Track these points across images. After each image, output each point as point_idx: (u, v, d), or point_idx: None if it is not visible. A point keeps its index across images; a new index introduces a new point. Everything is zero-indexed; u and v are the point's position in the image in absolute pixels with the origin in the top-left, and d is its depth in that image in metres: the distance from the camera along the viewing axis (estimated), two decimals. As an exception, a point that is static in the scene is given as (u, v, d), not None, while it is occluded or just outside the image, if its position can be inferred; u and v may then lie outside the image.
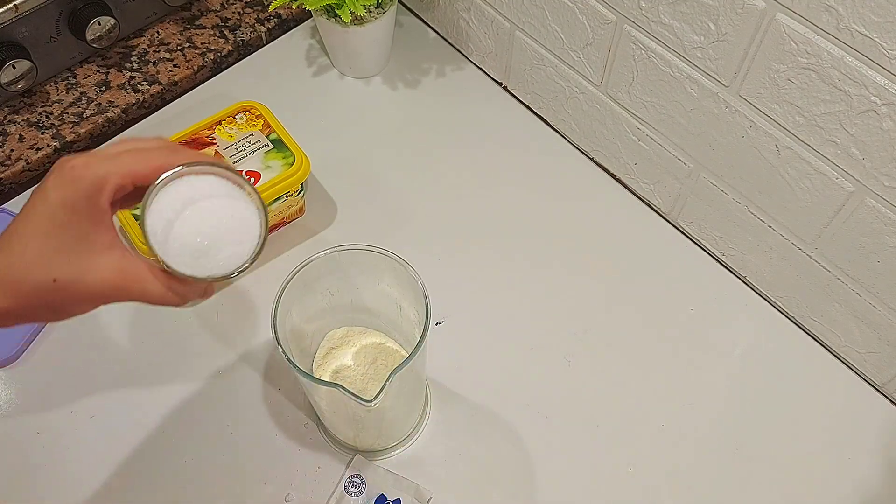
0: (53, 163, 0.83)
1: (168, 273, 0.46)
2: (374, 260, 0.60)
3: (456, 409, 0.70)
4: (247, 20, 0.94)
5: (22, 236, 0.44)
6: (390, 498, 0.64)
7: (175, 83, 0.88)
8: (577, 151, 0.86)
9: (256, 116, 0.77)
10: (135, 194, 0.46)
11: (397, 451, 0.68)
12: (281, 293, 0.58)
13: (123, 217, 0.70)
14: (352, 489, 0.64)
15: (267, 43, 0.94)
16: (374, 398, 0.54)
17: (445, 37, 0.94)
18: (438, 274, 0.74)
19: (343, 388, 0.54)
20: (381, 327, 0.69)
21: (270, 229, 0.78)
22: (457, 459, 0.67)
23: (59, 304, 0.46)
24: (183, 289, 0.47)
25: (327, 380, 0.66)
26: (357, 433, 0.66)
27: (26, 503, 0.65)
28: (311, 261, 0.60)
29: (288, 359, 0.56)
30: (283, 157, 0.74)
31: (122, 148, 0.46)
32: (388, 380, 0.54)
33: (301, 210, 0.79)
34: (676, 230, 0.81)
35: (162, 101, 0.88)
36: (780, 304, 0.76)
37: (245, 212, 0.47)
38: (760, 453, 0.68)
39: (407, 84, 0.91)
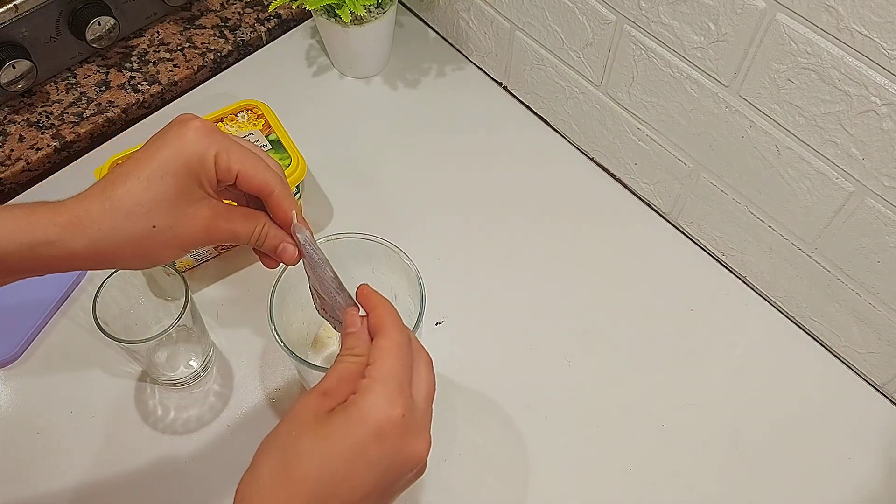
0: (53, 163, 0.84)
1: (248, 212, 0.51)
2: (368, 248, 0.61)
3: (455, 409, 0.70)
4: (247, 20, 0.94)
5: (127, 180, 0.46)
6: None
7: (175, 83, 0.88)
8: (577, 151, 0.86)
9: (258, 116, 0.77)
10: (229, 191, 0.51)
11: None
12: (277, 282, 0.59)
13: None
14: None
15: (267, 43, 0.94)
16: None
17: (445, 37, 0.94)
18: (438, 274, 0.74)
19: None
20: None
21: None
22: (455, 458, 0.67)
23: (150, 250, 0.47)
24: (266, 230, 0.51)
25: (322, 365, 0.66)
26: None
27: (26, 503, 0.65)
28: None
29: (283, 345, 0.56)
30: (280, 159, 0.74)
31: (247, 145, 0.50)
32: None
33: (298, 211, 0.80)
34: (676, 230, 0.81)
35: (162, 101, 0.88)
36: (780, 304, 0.76)
37: None
38: (760, 453, 0.68)
39: (407, 84, 0.91)
